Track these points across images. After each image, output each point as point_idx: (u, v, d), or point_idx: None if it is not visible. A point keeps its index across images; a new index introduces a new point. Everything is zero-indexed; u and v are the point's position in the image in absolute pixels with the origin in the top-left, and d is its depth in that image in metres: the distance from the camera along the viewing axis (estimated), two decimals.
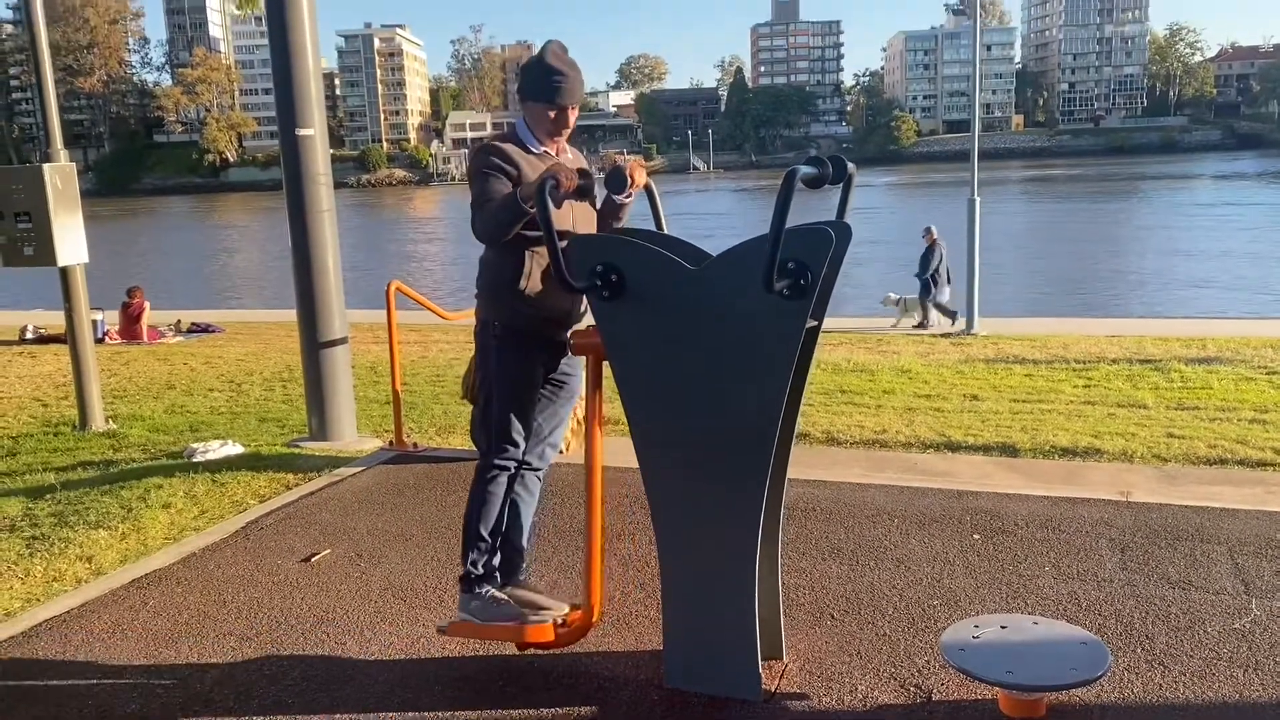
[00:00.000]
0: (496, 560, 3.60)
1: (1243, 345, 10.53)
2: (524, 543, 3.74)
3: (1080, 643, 3.09)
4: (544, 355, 3.53)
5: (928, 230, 16.00)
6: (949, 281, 15.63)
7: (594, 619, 3.40)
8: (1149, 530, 4.58)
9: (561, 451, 6.35)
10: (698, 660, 3.22)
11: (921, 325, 15.12)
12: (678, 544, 3.19)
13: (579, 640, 3.51)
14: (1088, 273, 27.31)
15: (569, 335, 3.47)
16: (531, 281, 3.39)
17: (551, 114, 3.44)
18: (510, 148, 3.41)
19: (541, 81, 3.41)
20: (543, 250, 3.34)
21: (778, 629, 3.45)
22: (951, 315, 15.20)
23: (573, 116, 3.49)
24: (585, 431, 3.34)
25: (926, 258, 15.51)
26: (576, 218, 3.48)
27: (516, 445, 3.54)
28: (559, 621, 3.50)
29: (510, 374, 3.49)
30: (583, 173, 3.26)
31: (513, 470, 3.58)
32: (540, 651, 3.56)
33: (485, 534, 3.57)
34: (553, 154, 3.51)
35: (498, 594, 3.55)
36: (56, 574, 4.54)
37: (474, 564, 3.56)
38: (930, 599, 3.93)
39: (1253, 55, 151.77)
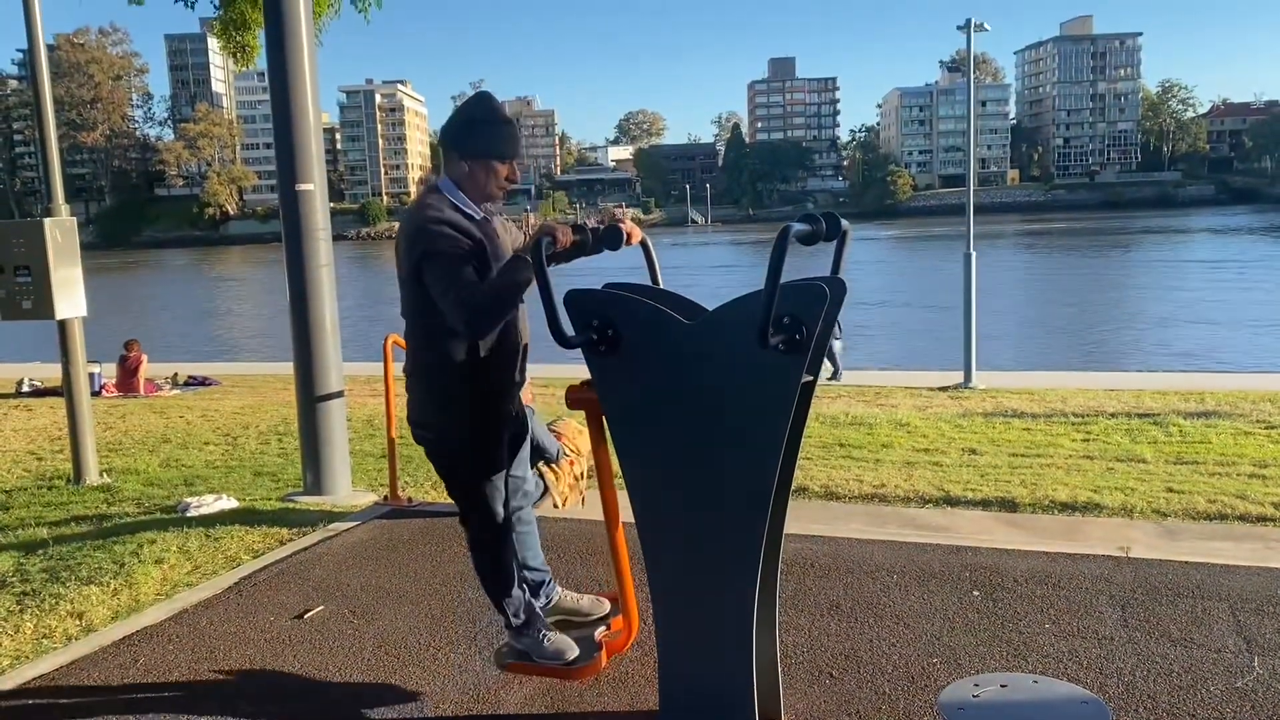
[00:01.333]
0: (527, 602, 3.65)
1: (1241, 399, 10.52)
2: (542, 562, 3.80)
3: (1081, 702, 3.06)
4: (509, 431, 3.52)
5: None
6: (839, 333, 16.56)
7: (634, 634, 3.63)
8: (1149, 586, 4.54)
9: (557, 506, 6.32)
10: None
11: None
12: (673, 600, 3.16)
13: (626, 647, 3.72)
14: (1085, 327, 27.40)
15: (565, 391, 3.46)
16: (490, 380, 3.34)
17: (504, 169, 3.29)
18: (458, 218, 3.22)
19: (494, 135, 3.27)
20: (498, 345, 3.31)
21: (775, 688, 3.40)
22: (835, 366, 16.06)
23: (516, 169, 3.36)
24: (599, 485, 3.36)
25: None
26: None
27: (499, 516, 3.54)
28: (605, 631, 3.76)
29: (482, 472, 3.45)
30: (578, 228, 3.27)
31: (506, 533, 3.59)
32: (539, 708, 3.52)
33: (507, 589, 3.60)
34: (490, 219, 3.38)
35: (547, 631, 3.63)
36: (47, 631, 4.49)
37: (515, 615, 3.61)
38: (930, 657, 3.89)
39: (1244, 111, 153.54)
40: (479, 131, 3.26)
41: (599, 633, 3.78)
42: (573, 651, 3.59)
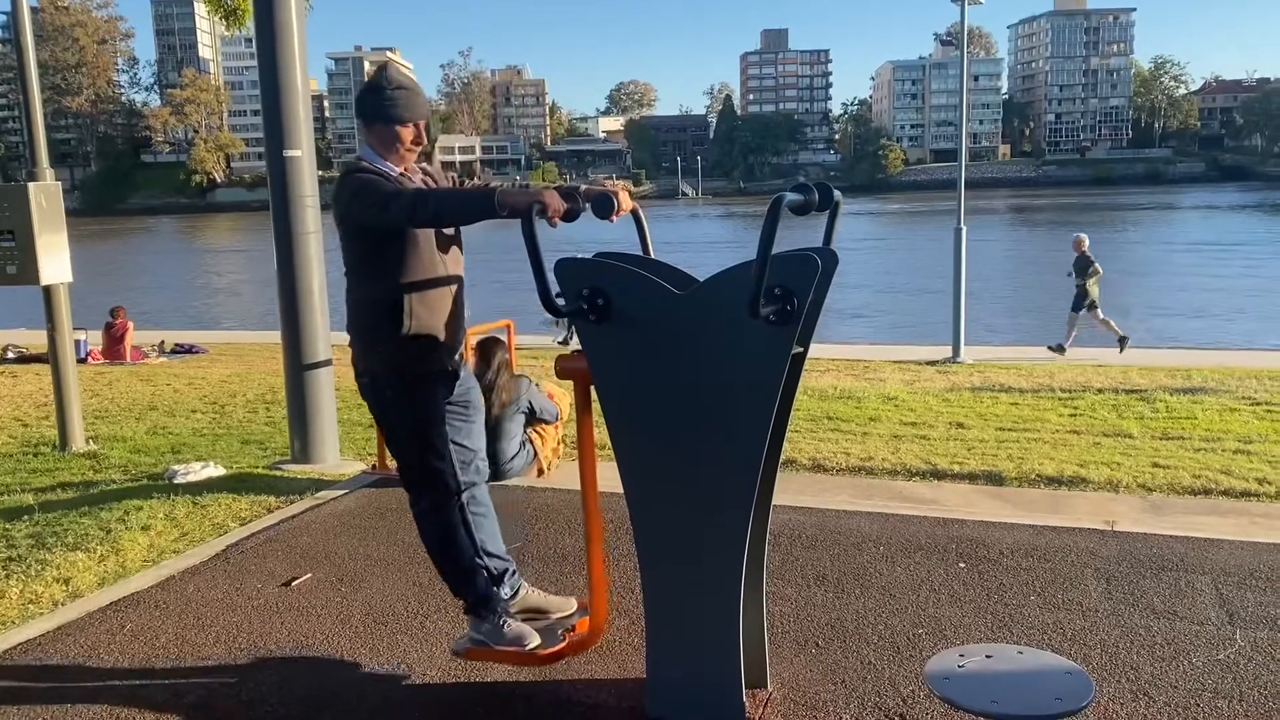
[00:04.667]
0: (486, 580, 3.57)
1: (1227, 376, 10.57)
2: (504, 550, 3.71)
3: (1065, 672, 3.07)
4: (442, 387, 3.46)
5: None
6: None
7: (602, 624, 3.47)
8: (1134, 560, 4.57)
9: (541, 473, 6.33)
10: (681, 688, 3.19)
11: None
12: (661, 570, 3.17)
13: (592, 646, 3.56)
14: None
15: (555, 360, 3.44)
16: (416, 321, 3.33)
17: (407, 131, 3.40)
18: (380, 171, 3.38)
19: (389, 101, 3.39)
20: (422, 292, 3.33)
21: (762, 657, 3.42)
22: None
23: (424, 131, 3.47)
24: (579, 455, 3.32)
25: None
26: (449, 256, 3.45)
27: (442, 479, 3.47)
28: (568, 629, 3.61)
29: (413, 421, 3.43)
30: (569, 196, 3.23)
31: (451, 499, 3.49)
32: (525, 676, 3.53)
33: (461, 565, 3.53)
34: (409, 176, 3.46)
35: (508, 617, 3.57)
36: (33, 596, 4.49)
37: (468, 594, 3.55)
38: (915, 627, 3.91)
39: (1236, 89, 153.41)
40: (376, 99, 3.41)
41: (562, 631, 3.65)
42: (533, 639, 3.50)
